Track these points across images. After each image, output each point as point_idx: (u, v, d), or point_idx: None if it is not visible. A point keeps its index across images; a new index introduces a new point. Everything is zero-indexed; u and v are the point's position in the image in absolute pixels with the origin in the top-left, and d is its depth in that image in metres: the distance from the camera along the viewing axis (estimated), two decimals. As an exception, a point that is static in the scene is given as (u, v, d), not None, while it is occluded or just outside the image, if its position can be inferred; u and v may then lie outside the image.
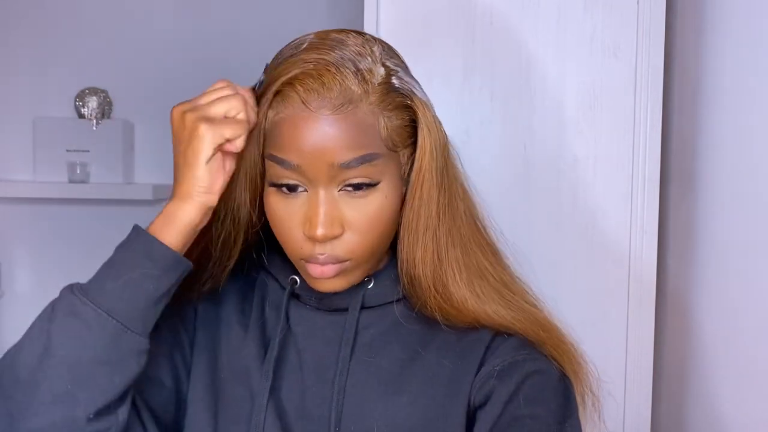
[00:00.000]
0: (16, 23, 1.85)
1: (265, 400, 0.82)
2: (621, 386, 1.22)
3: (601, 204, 1.21)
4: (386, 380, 0.82)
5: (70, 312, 0.73)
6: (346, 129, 0.75)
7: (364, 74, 0.76)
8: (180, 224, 0.75)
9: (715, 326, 1.12)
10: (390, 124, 0.77)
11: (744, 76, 1.05)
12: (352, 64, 0.76)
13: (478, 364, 0.81)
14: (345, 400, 0.81)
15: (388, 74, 0.78)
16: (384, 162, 0.77)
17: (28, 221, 1.87)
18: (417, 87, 0.81)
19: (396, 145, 0.79)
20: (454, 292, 0.81)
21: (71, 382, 0.71)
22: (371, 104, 0.76)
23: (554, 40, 1.20)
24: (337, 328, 0.84)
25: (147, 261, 0.74)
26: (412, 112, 0.79)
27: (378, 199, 0.78)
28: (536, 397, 0.78)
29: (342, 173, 0.76)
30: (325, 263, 0.78)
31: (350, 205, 0.77)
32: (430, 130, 0.79)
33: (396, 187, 0.80)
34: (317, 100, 0.74)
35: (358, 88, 0.75)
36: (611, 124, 1.20)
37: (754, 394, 1.00)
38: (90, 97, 1.84)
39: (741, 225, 1.05)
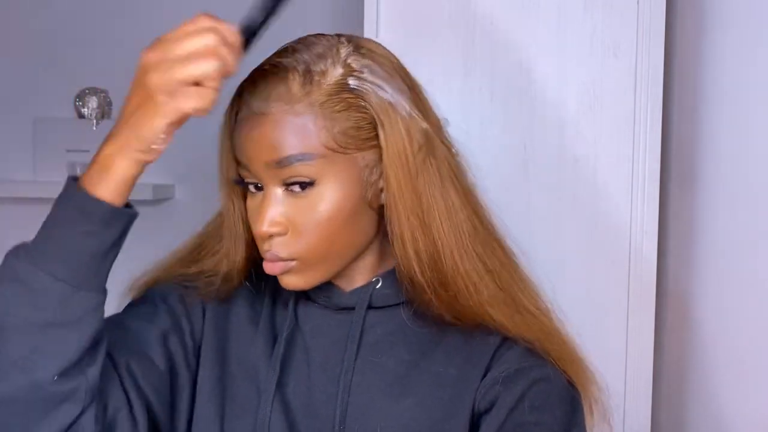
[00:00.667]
0: (17, 23, 1.85)
1: (272, 395, 0.82)
2: (621, 386, 1.22)
3: (601, 204, 1.21)
4: (391, 381, 0.82)
5: (14, 278, 0.71)
6: (280, 128, 0.76)
7: (314, 76, 0.77)
8: (114, 177, 0.71)
9: (715, 326, 1.12)
10: (334, 126, 0.77)
11: (744, 76, 1.05)
12: (305, 65, 0.78)
13: (485, 369, 0.81)
14: (350, 399, 0.81)
15: (345, 75, 0.78)
16: (325, 163, 0.77)
17: (28, 221, 1.87)
18: (387, 89, 0.79)
19: (345, 147, 0.78)
20: (460, 288, 0.80)
21: (27, 348, 0.70)
22: (311, 104, 0.76)
23: (554, 40, 1.20)
24: (344, 327, 0.85)
25: (83, 217, 0.71)
26: (370, 114, 0.78)
27: (322, 201, 0.78)
28: (541, 405, 0.78)
29: (279, 171, 0.77)
30: (271, 260, 0.80)
31: (294, 205, 0.78)
32: (392, 132, 0.78)
33: (347, 190, 0.78)
34: (258, 102, 0.77)
35: (299, 89, 0.77)
36: (611, 124, 1.20)
37: (754, 394, 1.00)
38: (90, 97, 1.84)
39: (741, 225, 1.05)
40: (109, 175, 0.71)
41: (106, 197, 0.71)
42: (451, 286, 0.81)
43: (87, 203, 0.71)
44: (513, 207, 1.21)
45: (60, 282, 0.70)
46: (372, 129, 0.79)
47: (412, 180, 0.79)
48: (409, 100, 0.81)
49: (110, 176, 0.71)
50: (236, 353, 0.87)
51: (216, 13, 0.75)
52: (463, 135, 1.21)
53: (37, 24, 1.85)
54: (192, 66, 0.67)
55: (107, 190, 0.71)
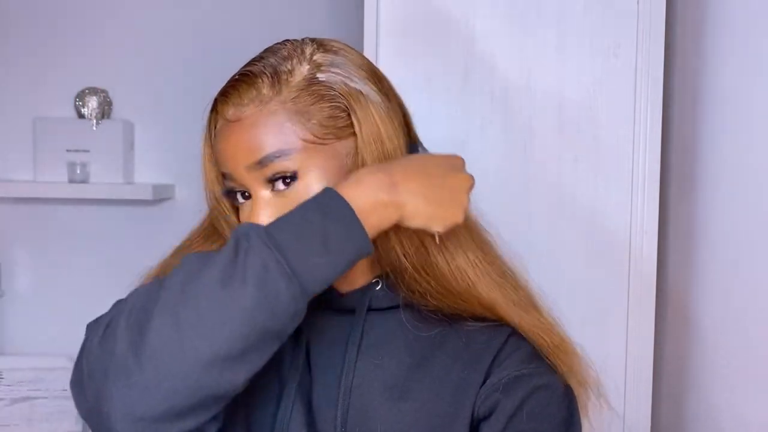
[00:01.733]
0: (17, 23, 1.85)
1: (293, 391, 0.82)
2: (621, 386, 1.22)
3: (601, 204, 1.21)
4: (392, 384, 0.82)
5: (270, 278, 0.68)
6: (254, 130, 0.77)
7: (281, 75, 0.78)
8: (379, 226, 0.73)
9: (715, 326, 1.12)
10: (309, 119, 0.78)
11: (744, 76, 1.05)
12: (272, 68, 0.79)
13: (485, 374, 0.81)
14: (350, 401, 0.81)
15: (313, 70, 0.79)
16: (305, 156, 0.77)
17: (28, 221, 1.87)
18: (356, 79, 0.80)
19: (324, 138, 0.78)
20: (445, 269, 0.80)
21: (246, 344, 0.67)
22: (283, 102, 0.78)
23: (554, 40, 1.20)
24: (345, 329, 0.85)
25: (351, 246, 0.70)
26: (344, 103, 0.79)
27: (306, 193, 0.77)
28: (540, 413, 0.79)
29: (260, 172, 0.78)
30: None
31: (282, 204, 0.78)
32: (363, 118, 0.79)
33: (331, 179, 0.78)
34: (231, 110, 0.78)
35: (269, 90, 0.78)
36: (611, 124, 1.20)
37: (754, 394, 1.00)
38: (90, 97, 1.84)
39: (741, 225, 1.05)
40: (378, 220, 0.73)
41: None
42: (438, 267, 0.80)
43: (359, 235, 0.71)
44: (513, 207, 1.21)
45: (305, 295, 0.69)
46: (347, 117, 0.79)
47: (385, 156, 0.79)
48: (378, 91, 0.81)
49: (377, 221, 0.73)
50: None
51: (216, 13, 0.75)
52: (463, 135, 1.21)
53: (37, 24, 1.86)
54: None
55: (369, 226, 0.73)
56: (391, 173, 0.74)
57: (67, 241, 1.87)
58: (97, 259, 1.85)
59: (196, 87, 1.91)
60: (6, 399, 1.73)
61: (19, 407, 1.73)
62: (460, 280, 0.81)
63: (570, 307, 0.91)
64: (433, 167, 0.77)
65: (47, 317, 1.84)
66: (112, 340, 0.68)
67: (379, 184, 0.74)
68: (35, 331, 1.87)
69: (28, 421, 1.74)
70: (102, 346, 0.69)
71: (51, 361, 1.79)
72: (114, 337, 0.68)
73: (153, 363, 0.66)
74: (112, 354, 0.67)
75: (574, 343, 0.86)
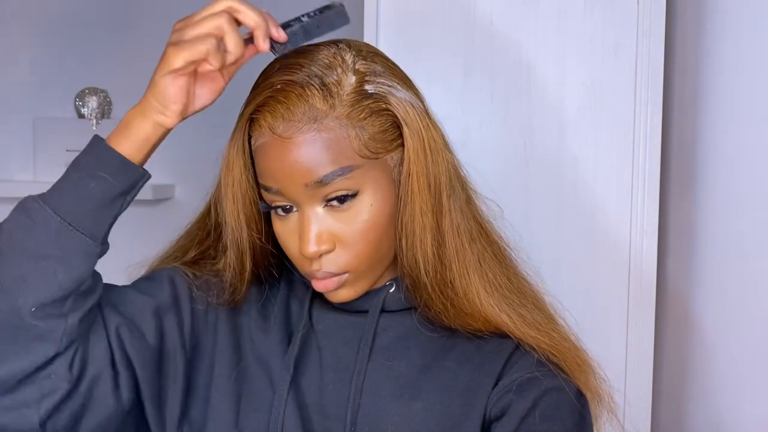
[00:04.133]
0: (16, 23, 1.85)
1: (286, 393, 0.82)
2: (621, 386, 1.22)
3: (601, 204, 1.21)
4: (402, 385, 0.82)
5: (21, 209, 0.77)
6: (313, 148, 0.76)
7: (331, 88, 0.77)
8: (133, 136, 0.77)
9: (715, 326, 1.12)
10: (364, 134, 0.77)
11: (744, 76, 1.05)
12: (318, 79, 0.77)
13: (497, 377, 0.81)
14: (361, 401, 0.81)
15: (360, 81, 0.78)
16: (362, 172, 0.77)
17: (28, 221, 1.87)
18: (399, 87, 0.80)
19: (376, 152, 0.78)
20: (461, 294, 0.81)
21: (15, 273, 0.74)
22: (338, 118, 0.76)
23: (554, 40, 1.20)
24: (357, 330, 0.85)
25: (96, 164, 0.76)
26: (393, 115, 0.79)
27: (364, 209, 0.78)
28: (552, 415, 0.79)
29: (320, 190, 0.77)
30: (324, 278, 0.80)
31: (337, 219, 0.78)
32: (414, 131, 0.79)
33: (385, 192, 0.79)
34: (283, 125, 0.76)
35: (323, 104, 0.76)
36: (611, 124, 1.20)
37: (754, 394, 1.00)
38: (90, 97, 1.84)
39: (741, 225, 1.05)
40: (129, 131, 0.77)
41: (123, 151, 0.77)
42: (453, 288, 0.81)
43: (104, 152, 0.77)
44: (513, 207, 1.21)
45: (59, 217, 0.75)
46: (396, 129, 0.79)
47: (430, 176, 0.79)
48: (414, 94, 0.82)
49: (129, 133, 0.77)
50: (250, 351, 0.87)
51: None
52: (463, 135, 1.21)
53: (37, 24, 1.85)
54: (199, 26, 0.73)
55: (125, 146, 0.77)
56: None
57: (67, 241, 1.87)
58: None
59: (196, 87, 1.91)
60: (6, 399, 1.73)
61: (19, 407, 1.73)
62: (475, 305, 0.81)
63: (570, 307, 0.91)
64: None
65: (47, 317, 1.84)
66: None
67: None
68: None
69: (28, 421, 1.73)
70: None
71: (51, 361, 1.79)
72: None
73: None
74: None
75: (590, 360, 0.86)
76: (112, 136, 0.78)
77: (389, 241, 0.81)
